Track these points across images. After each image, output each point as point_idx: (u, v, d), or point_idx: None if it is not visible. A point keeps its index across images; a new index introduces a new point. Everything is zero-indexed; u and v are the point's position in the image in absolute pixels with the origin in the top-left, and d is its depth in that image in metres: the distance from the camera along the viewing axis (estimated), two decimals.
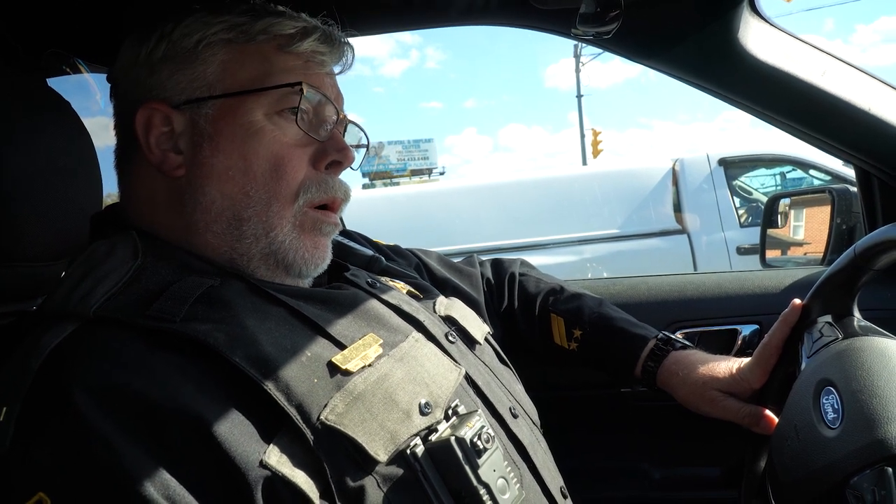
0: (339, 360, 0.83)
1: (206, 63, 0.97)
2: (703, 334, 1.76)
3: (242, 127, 0.95)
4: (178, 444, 0.70)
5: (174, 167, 0.97)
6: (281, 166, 0.95)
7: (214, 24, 0.98)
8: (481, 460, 0.81)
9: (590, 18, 1.26)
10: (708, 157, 6.55)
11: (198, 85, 0.97)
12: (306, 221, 0.98)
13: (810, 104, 1.53)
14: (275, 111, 0.96)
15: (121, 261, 0.87)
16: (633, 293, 1.86)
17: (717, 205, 6.33)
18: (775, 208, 2.54)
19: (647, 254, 6.30)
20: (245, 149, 0.94)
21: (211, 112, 0.96)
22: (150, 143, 0.97)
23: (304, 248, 0.98)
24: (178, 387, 0.73)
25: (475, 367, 1.05)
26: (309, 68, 1.01)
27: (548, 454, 1.08)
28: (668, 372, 1.29)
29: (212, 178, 0.95)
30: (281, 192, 0.95)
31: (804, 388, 1.04)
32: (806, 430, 0.99)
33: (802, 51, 1.50)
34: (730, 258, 6.12)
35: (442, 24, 1.70)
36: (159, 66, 0.98)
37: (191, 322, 0.79)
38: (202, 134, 0.96)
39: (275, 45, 0.99)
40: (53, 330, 0.77)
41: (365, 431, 0.77)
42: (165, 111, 0.97)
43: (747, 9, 1.44)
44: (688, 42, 1.50)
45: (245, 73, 0.97)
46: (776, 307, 1.71)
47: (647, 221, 6.53)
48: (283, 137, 0.96)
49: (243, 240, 0.95)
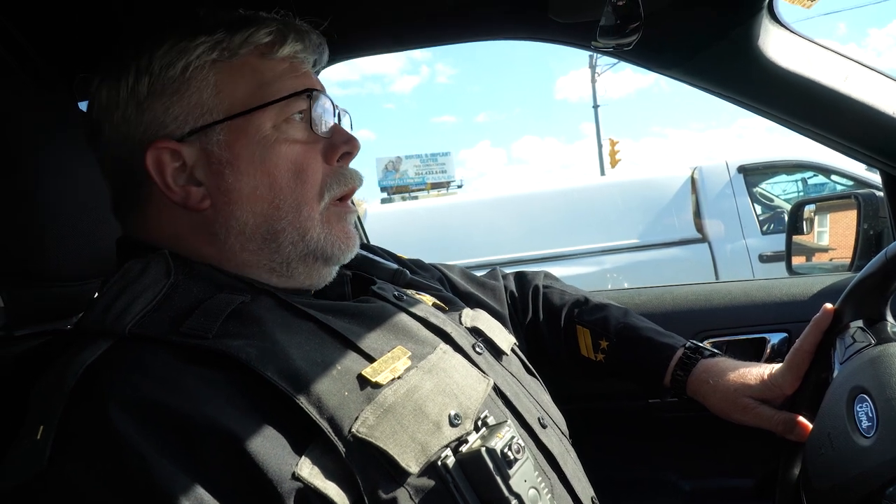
0: (369, 372, 0.84)
1: (199, 89, 0.96)
2: (731, 343, 1.74)
3: (258, 144, 0.95)
4: (212, 459, 0.71)
5: (199, 200, 0.96)
6: (302, 171, 0.97)
7: (195, 48, 0.96)
8: (512, 470, 0.81)
9: (610, 30, 1.26)
10: (727, 165, 6.47)
11: (198, 113, 0.96)
12: (332, 216, 1.00)
13: (833, 109, 1.52)
14: (282, 120, 0.97)
15: (154, 279, 0.88)
16: (658, 303, 1.85)
17: (738, 212, 6.23)
18: (800, 215, 2.51)
19: (667, 263, 6.22)
20: (267, 165, 0.95)
21: (222, 137, 0.95)
22: (167, 183, 0.95)
23: (339, 238, 1.01)
24: (212, 402, 0.74)
25: (503, 377, 1.05)
26: (296, 69, 1.02)
27: (577, 464, 1.07)
28: (698, 380, 1.28)
29: (241, 202, 0.95)
30: (308, 195, 0.97)
31: (837, 396, 1.03)
32: (840, 439, 0.98)
33: (824, 56, 1.49)
34: (752, 266, 6.02)
35: (462, 40, 1.72)
36: (149, 102, 0.96)
37: (223, 338, 0.80)
38: (220, 161, 0.95)
39: (257, 55, 0.99)
40: (89, 348, 0.78)
41: (396, 443, 0.77)
42: (173, 147, 0.95)
43: (767, 16, 1.44)
44: (708, 51, 1.50)
45: (241, 90, 0.97)
46: (805, 315, 1.69)
47: (666, 230, 6.44)
48: (296, 143, 0.97)
49: (281, 250, 0.97)
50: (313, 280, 1.03)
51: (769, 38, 1.46)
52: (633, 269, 6.26)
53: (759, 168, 6.55)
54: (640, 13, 1.21)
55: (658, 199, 6.62)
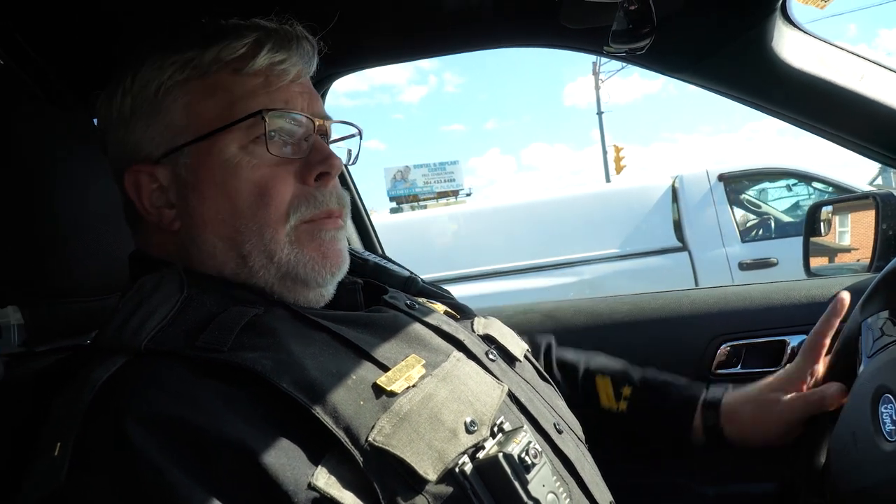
0: (384, 381, 0.84)
1: (170, 110, 0.96)
2: (751, 347, 1.73)
3: (220, 167, 0.94)
4: (228, 471, 0.71)
5: (170, 221, 0.97)
6: (265, 193, 0.94)
7: (168, 67, 0.96)
8: (530, 475, 0.81)
9: (622, 35, 1.26)
10: (707, 173, 6.55)
11: (169, 134, 0.96)
12: (302, 235, 0.97)
13: (849, 109, 1.51)
14: (249, 141, 0.94)
15: (168, 294, 0.88)
16: (676, 307, 1.84)
17: (718, 220, 6.30)
18: (817, 216, 2.49)
19: (647, 272, 6.25)
20: (228, 188, 0.94)
21: (188, 160, 0.95)
22: (144, 206, 0.97)
23: (312, 259, 0.97)
24: (227, 415, 0.74)
25: (517, 384, 1.04)
26: (270, 84, 0.97)
27: (595, 469, 1.07)
28: (731, 399, 1.29)
29: (206, 227, 0.95)
30: (270, 217, 0.94)
31: (863, 394, 1.02)
32: (864, 440, 0.97)
33: (838, 56, 1.48)
34: (732, 274, 6.07)
35: (473, 49, 1.73)
36: (131, 121, 0.97)
37: (238, 351, 0.81)
38: (185, 184, 0.96)
39: (230, 71, 0.96)
40: (105, 364, 0.78)
41: (413, 451, 0.77)
42: (148, 169, 0.96)
43: (780, 17, 1.43)
44: (721, 54, 1.50)
45: (209, 110, 0.95)
46: None
47: (647, 240, 6.48)
48: (263, 164, 0.94)
49: (255, 273, 0.95)
50: (304, 302, 1.00)
51: (783, 39, 1.46)
52: (613, 279, 6.29)
53: (739, 176, 6.65)
54: (653, 17, 1.21)
55: (639, 208, 6.69)
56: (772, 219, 6.83)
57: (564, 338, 1.90)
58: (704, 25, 1.48)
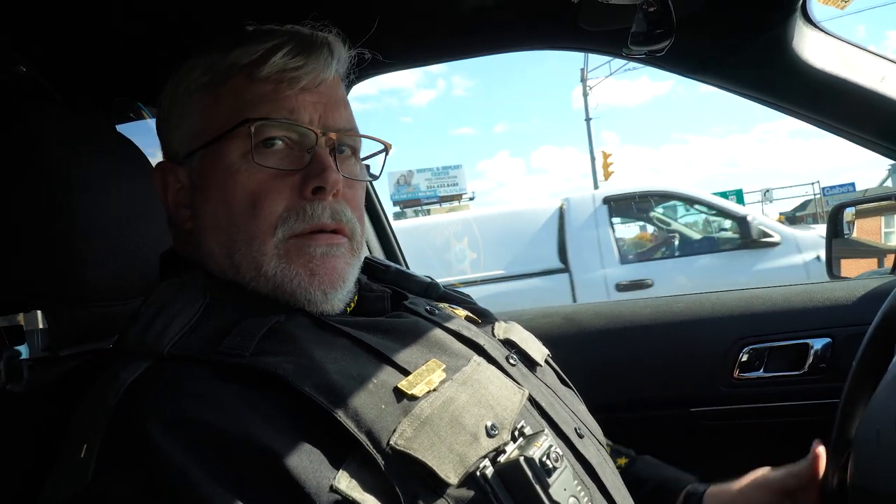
0: (405, 385, 0.84)
1: (191, 113, 0.98)
2: (773, 350, 1.72)
3: (222, 172, 0.95)
4: (251, 474, 0.71)
5: (184, 221, 1.00)
6: (257, 203, 0.93)
7: (194, 70, 0.98)
8: (551, 479, 0.80)
9: (641, 37, 1.26)
10: (593, 197, 6.80)
11: (189, 137, 0.98)
12: (291, 249, 0.94)
13: (870, 110, 1.49)
14: (248, 148, 0.93)
15: (190, 300, 0.89)
16: (697, 310, 1.83)
17: (599, 242, 6.44)
18: (840, 218, 2.47)
19: (528, 293, 6.34)
20: (225, 194, 0.94)
21: (199, 164, 0.97)
22: (167, 202, 1.02)
23: (298, 275, 0.94)
24: (250, 418, 0.75)
25: (538, 388, 1.04)
26: (279, 91, 0.95)
27: (616, 474, 1.06)
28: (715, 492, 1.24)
29: (207, 230, 0.97)
30: (258, 229, 0.93)
31: (890, 391, 1.00)
32: (888, 439, 0.96)
33: (859, 56, 1.47)
34: (609, 295, 6.20)
35: (492, 52, 1.73)
36: (166, 122, 1.02)
37: (260, 356, 0.81)
38: (195, 187, 0.98)
39: (244, 77, 0.96)
40: (129, 367, 0.79)
41: (434, 455, 0.77)
42: (172, 168, 1.00)
43: (800, 18, 1.43)
44: (741, 55, 1.49)
45: (220, 115, 0.95)
46: (848, 319, 1.66)
47: (531, 261, 6.59)
48: (259, 173, 0.93)
49: (249, 283, 0.95)
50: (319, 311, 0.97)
51: (803, 39, 1.45)
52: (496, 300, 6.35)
53: (623, 198, 6.86)
54: (672, 19, 1.21)
55: (527, 230, 6.82)
56: (655, 240, 7.22)
57: (585, 341, 1.90)
58: (724, 27, 1.47)
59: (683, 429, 1.77)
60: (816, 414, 1.45)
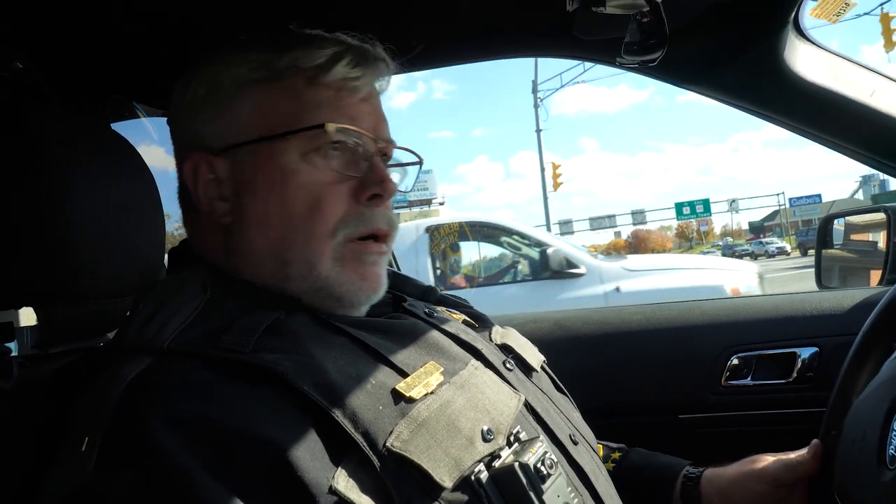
0: (403, 387, 0.84)
1: (240, 106, 0.98)
2: (761, 358, 1.73)
3: (278, 171, 0.95)
4: (251, 472, 0.72)
5: (221, 215, 0.99)
6: (318, 206, 0.95)
7: (244, 64, 0.98)
8: (545, 486, 0.81)
9: (635, 47, 1.27)
10: (416, 226, 7.13)
11: (234, 130, 0.98)
12: (346, 254, 0.97)
13: (860, 123, 1.51)
14: (310, 150, 0.96)
15: (190, 295, 0.89)
16: (687, 317, 1.84)
17: (416, 271, 6.60)
18: (829, 228, 2.49)
19: None
20: (283, 194, 0.95)
21: (248, 158, 0.97)
22: (198, 194, 1.00)
23: (350, 280, 0.97)
24: (251, 415, 0.75)
25: (534, 394, 1.05)
26: (341, 98, 0.99)
27: (609, 482, 1.07)
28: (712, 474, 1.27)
29: (254, 226, 0.97)
30: (318, 231, 0.95)
31: (882, 393, 1.01)
32: (869, 447, 0.96)
33: (850, 70, 1.49)
34: None
35: (487, 58, 1.73)
36: (198, 111, 1.00)
37: (260, 352, 0.81)
38: (243, 181, 0.98)
39: (304, 79, 0.98)
40: (130, 363, 0.79)
41: (430, 458, 0.78)
42: (209, 159, 0.98)
43: (792, 31, 1.44)
44: (734, 66, 1.51)
45: (277, 114, 0.97)
46: (835, 329, 1.68)
47: None
48: (320, 176, 0.96)
49: (291, 280, 0.96)
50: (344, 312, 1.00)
51: (795, 51, 1.46)
52: None
53: (444, 228, 7.18)
54: (665, 30, 1.21)
55: None
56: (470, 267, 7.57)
57: (574, 346, 1.91)
58: (716, 38, 1.48)
59: (671, 435, 1.78)
60: (803, 422, 1.46)
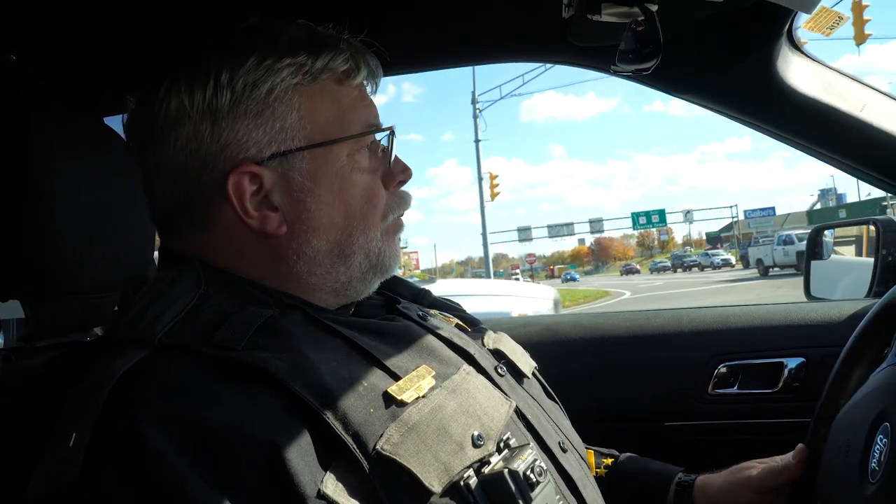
0: (395, 390, 0.84)
1: (283, 113, 0.94)
2: (748, 367, 1.74)
3: (337, 173, 0.96)
4: (242, 473, 0.71)
5: (275, 227, 0.94)
6: (372, 198, 1.00)
7: (281, 70, 0.94)
8: (534, 493, 0.81)
9: (629, 55, 1.27)
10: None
11: (282, 138, 0.94)
12: (389, 230, 1.05)
13: (851, 136, 1.53)
14: (356, 149, 0.98)
15: (184, 290, 0.88)
16: (675, 325, 1.85)
17: None
18: (819, 240, 2.50)
19: None
20: (344, 194, 0.97)
21: (305, 165, 0.95)
22: (247, 209, 0.93)
23: (392, 252, 1.05)
24: (242, 414, 0.74)
25: (524, 400, 1.05)
26: (363, 99, 1.03)
27: (597, 490, 1.07)
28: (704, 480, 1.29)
29: (318, 230, 0.96)
30: (375, 220, 1.01)
31: (868, 403, 1.02)
32: (852, 458, 0.97)
33: (842, 83, 1.50)
34: None
35: (479, 62, 1.74)
36: (229, 120, 0.93)
37: (252, 350, 0.80)
38: (301, 188, 0.95)
39: (334, 80, 0.99)
40: (122, 357, 0.78)
41: (419, 462, 0.77)
42: (254, 170, 0.93)
43: (786, 43, 1.45)
44: (727, 76, 1.52)
45: (322, 116, 0.96)
46: (823, 340, 1.69)
47: None
48: (367, 172, 1.00)
49: (349, 271, 0.99)
50: (363, 294, 1.05)
51: (788, 63, 1.48)
52: None
53: None
54: (659, 38, 1.22)
55: None
56: None
57: (562, 351, 1.91)
58: (711, 48, 1.49)
59: (657, 442, 1.78)
60: (788, 432, 1.46)
